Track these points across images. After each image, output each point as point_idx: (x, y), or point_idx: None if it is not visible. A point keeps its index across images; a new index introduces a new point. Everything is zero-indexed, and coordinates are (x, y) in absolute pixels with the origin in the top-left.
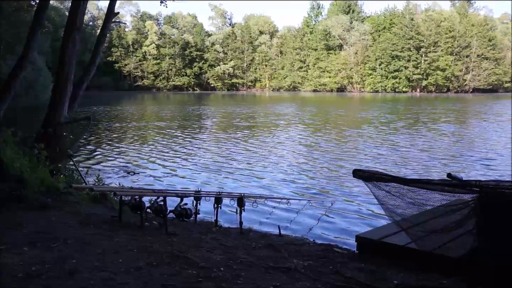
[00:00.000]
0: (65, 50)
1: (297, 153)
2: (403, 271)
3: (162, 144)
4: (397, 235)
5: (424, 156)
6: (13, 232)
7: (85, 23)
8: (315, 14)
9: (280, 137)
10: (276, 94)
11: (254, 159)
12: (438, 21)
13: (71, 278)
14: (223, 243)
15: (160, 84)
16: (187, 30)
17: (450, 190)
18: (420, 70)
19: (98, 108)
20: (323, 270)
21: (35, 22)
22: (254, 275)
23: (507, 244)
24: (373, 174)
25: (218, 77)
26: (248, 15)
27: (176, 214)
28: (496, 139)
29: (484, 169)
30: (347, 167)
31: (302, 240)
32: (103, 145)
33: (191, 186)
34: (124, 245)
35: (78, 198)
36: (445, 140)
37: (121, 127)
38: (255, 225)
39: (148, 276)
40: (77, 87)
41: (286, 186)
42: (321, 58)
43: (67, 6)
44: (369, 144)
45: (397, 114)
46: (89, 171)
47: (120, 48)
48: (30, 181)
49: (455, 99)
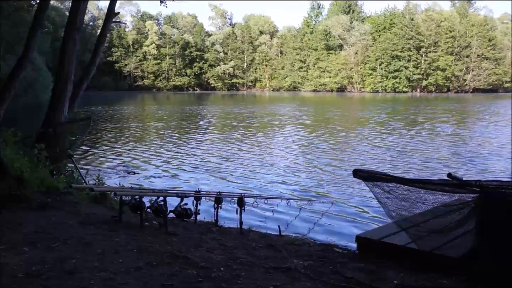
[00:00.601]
0: (65, 50)
1: (297, 153)
2: (403, 271)
3: (162, 144)
4: (397, 235)
5: (424, 156)
6: (13, 232)
7: (85, 23)
8: (315, 14)
9: (280, 137)
10: (276, 94)
11: (255, 159)
12: (438, 21)
13: (71, 278)
14: (223, 243)
15: (160, 84)
16: (187, 30)
17: (450, 190)
18: (420, 70)
19: (98, 108)
20: (323, 270)
21: (35, 22)
22: (254, 275)
23: (507, 244)
24: (373, 174)
25: (218, 77)
26: (248, 15)
27: (176, 214)
28: (496, 139)
29: (484, 169)
30: (348, 167)
31: (302, 240)
32: (103, 145)
33: (191, 186)
34: (124, 245)
35: (78, 198)
36: (445, 140)
37: (121, 127)
38: (255, 225)
39: (148, 276)
40: (77, 87)
41: (286, 186)
42: (321, 58)
43: (67, 6)
44: (369, 144)
45: (397, 114)
46: (89, 171)
47: (120, 48)
48: (30, 181)
49: (455, 99)
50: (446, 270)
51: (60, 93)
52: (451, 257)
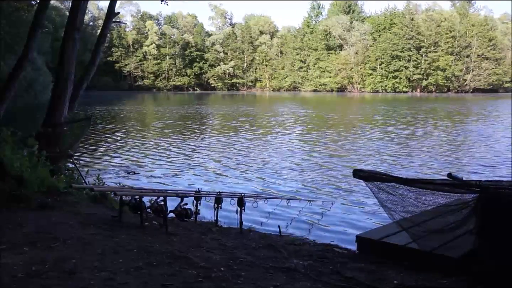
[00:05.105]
0: (65, 50)
1: (297, 153)
2: (403, 271)
3: (162, 144)
4: (397, 235)
5: (424, 156)
6: (13, 232)
7: (85, 23)
8: (315, 14)
9: (280, 137)
10: (276, 94)
11: (255, 159)
12: (439, 21)
13: (71, 278)
14: (223, 243)
15: (161, 84)
16: (187, 30)
17: (450, 190)
18: (421, 70)
19: (98, 108)
20: (323, 270)
21: (35, 22)
22: (254, 275)
23: (507, 244)
24: (373, 174)
25: (218, 77)
26: (248, 15)
27: (176, 214)
28: (496, 139)
29: (484, 169)
30: (347, 167)
31: (302, 240)
32: (103, 145)
33: (191, 186)
34: (124, 245)
35: (78, 198)
36: (445, 140)
37: (121, 127)
38: (255, 225)
39: (148, 276)
40: (77, 87)
41: (286, 186)
42: (322, 58)
43: (67, 6)
44: (369, 144)
45: (397, 115)
46: (89, 171)
47: (120, 48)
48: (30, 181)
49: (455, 99)
50: (446, 270)
51: (60, 93)
52: (451, 257)
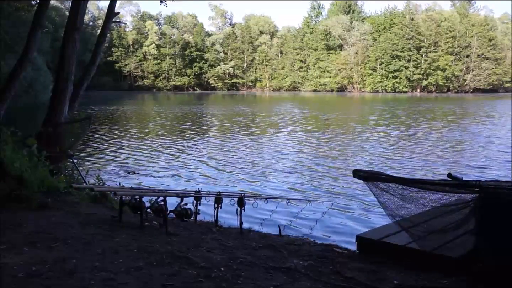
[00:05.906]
0: (65, 50)
1: (297, 153)
2: (403, 271)
3: (162, 144)
4: (397, 235)
5: (424, 156)
6: (13, 232)
7: (85, 23)
8: (315, 14)
9: (281, 137)
10: (276, 94)
11: (255, 159)
12: (439, 21)
13: (71, 278)
14: (223, 243)
15: (161, 84)
16: (187, 30)
17: (450, 190)
18: (421, 70)
19: (98, 108)
20: (323, 270)
21: (35, 22)
22: (254, 275)
23: (507, 243)
24: (373, 174)
25: (219, 77)
26: (248, 15)
27: (176, 214)
28: (496, 139)
29: (483, 169)
30: (347, 167)
31: (302, 240)
32: (103, 145)
33: (191, 186)
34: (124, 245)
35: (78, 198)
36: (445, 140)
37: (121, 127)
38: (255, 225)
39: (148, 276)
40: (77, 87)
41: (287, 186)
42: (321, 58)
43: (67, 6)
44: (369, 144)
45: (397, 115)
46: (89, 171)
47: (120, 48)
48: (30, 181)
49: (455, 99)
50: (446, 270)
51: (60, 93)
52: (451, 257)
